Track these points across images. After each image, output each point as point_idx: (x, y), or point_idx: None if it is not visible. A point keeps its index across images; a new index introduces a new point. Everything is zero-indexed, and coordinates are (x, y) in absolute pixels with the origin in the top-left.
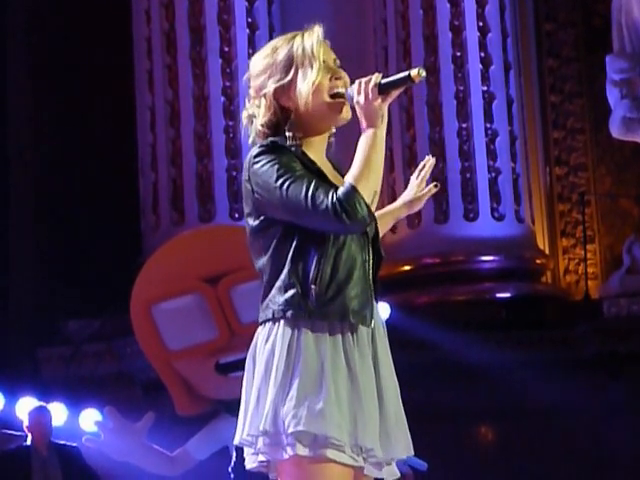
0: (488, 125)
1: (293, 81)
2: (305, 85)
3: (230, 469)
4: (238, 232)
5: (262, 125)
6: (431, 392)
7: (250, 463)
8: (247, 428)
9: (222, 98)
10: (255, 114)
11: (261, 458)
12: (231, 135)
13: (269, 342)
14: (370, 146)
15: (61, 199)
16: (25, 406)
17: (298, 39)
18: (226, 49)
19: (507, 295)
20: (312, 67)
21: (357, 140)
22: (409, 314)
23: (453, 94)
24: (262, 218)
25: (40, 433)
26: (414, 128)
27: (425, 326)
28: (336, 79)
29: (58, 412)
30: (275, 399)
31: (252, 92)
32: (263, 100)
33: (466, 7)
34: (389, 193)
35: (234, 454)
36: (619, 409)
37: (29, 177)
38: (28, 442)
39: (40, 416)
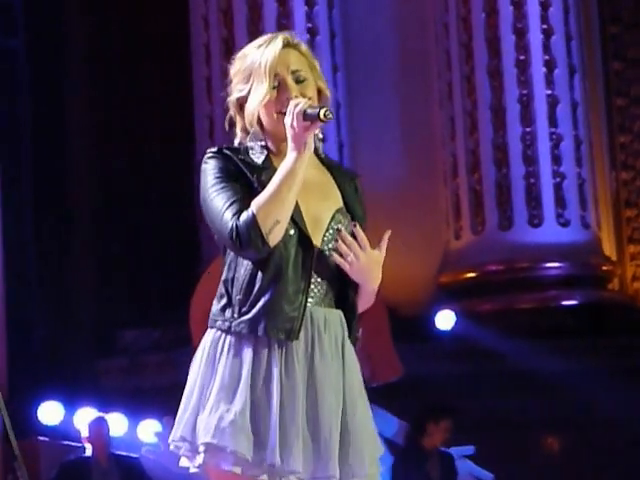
0: (552, 129)
1: (249, 93)
2: (251, 103)
3: None
4: None
5: (240, 130)
6: (496, 401)
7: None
8: (174, 433)
9: None
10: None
11: (185, 462)
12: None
13: (201, 349)
14: (285, 173)
15: (120, 210)
16: (84, 417)
17: (261, 50)
18: None
19: (573, 302)
20: (262, 84)
21: None
22: (473, 322)
23: (517, 98)
24: None
25: (100, 444)
26: (477, 133)
27: (489, 334)
28: (287, 98)
29: (118, 423)
30: (195, 406)
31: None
32: (231, 106)
33: (529, 9)
34: (453, 200)
35: None
36: None
37: (87, 190)
38: (88, 453)
39: (99, 427)
